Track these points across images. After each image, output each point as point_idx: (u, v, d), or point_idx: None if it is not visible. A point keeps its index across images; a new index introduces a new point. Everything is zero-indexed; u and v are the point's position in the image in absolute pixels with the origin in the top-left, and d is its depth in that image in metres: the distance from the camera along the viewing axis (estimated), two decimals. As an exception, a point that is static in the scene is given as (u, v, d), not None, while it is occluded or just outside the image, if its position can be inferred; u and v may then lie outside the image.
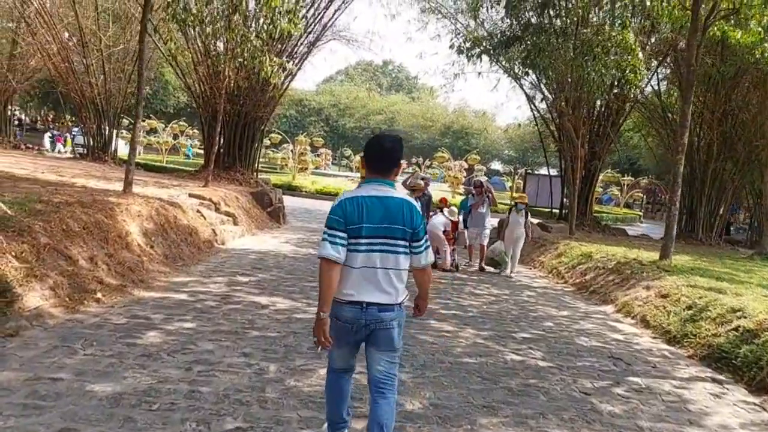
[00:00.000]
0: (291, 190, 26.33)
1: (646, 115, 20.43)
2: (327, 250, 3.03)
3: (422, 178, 10.04)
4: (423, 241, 3.22)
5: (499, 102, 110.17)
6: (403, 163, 32.31)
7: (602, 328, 7.55)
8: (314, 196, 26.08)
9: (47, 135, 31.97)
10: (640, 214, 36.39)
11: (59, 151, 29.96)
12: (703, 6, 10.43)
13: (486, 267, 11.64)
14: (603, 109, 17.16)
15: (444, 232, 11.05)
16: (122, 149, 37.77)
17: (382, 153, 3.22)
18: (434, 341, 6.09)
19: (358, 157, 36.42)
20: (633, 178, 34.75)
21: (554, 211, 20.62)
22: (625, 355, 6.31)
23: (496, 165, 59.86)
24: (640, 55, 12.00)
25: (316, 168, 38.07)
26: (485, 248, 11.46)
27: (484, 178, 11.20)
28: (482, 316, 7.50)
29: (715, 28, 10.53)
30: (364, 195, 3.13)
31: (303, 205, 22.58)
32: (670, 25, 12.69)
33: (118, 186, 10.48)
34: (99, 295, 6.12)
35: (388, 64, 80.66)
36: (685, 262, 10.65)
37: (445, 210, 11.44)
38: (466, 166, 33.23)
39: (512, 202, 11.91)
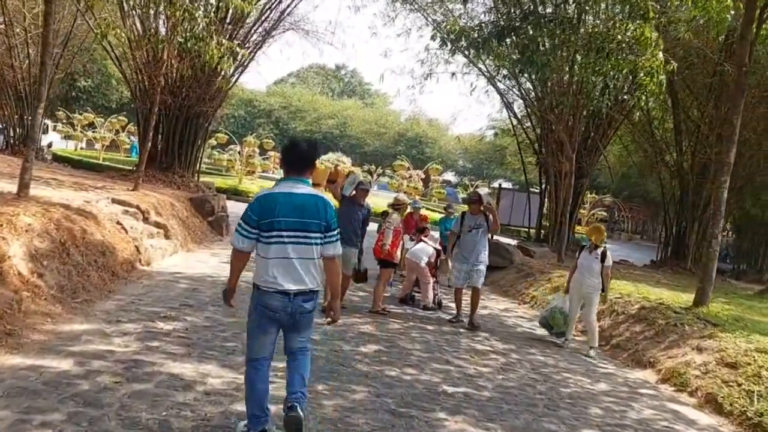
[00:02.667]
0: (237, 194, 23.87)
1: (628, 128, 19.01)
2: (236, 242, 3.56)
3: (360, 183, 7.78)
4: (335, 232, 3.60)
5: (457, 110, 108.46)
6: (348, 167, 30.81)
7: (665, 415, 5.68)
8: (262, 203, 23.69)
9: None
10: (602, 233, 35.45)
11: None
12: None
13: (540, 327, 8.36)
14: (596, 119, 15.58)
15: (427, 263, 9.11)
16: (59, 144, 34.54)
17: (298, 154, 3.61)
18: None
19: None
20: (596, 195, 33.78)
21: (531, 231, 19.01)
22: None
23: (450, 176, 58.52)
24: (660, 55, 10.34)
25: (264, 172, 35.56)
26: (479, 293, 8.41)
27: (484, 190, 8.66)
28: (503, 396, 5.49)
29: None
30: (279, 192, 3.52)
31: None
32: (687, 24, 11.19)
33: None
34: None
35: (341, 68, 78.50)
36: (721, 309, 8.92)
37: (429, 238, 9.44)
38: (423, 176, 31.56)
39: (583, 239, 8.67)
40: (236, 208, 18.46)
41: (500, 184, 20.63)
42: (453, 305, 9.50)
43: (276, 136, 45.90)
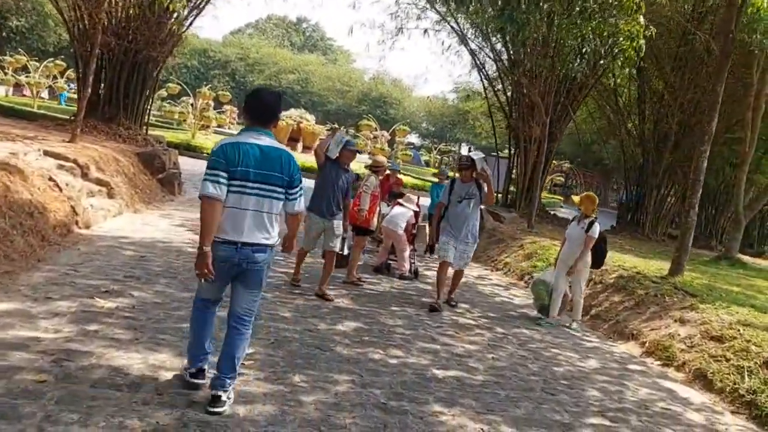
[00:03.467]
0: (190, 150, 22.53)
1: (593, 95, 18.55)
2: (208, 189, 3.23)
3: (347, 142, 6.66)
4: (298, 189, 3.50)
5: (420, 73, 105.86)
6: (312, 125, 29.54)
7: (660, 394, 5.19)
8: (217, 159, 22.37)
9: None
10: (561, 198, 35.52)
11: None
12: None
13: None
14: (567, 84, 14.91)
15: (405, 228, 8.32)
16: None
17: (263, 105, 3.46)
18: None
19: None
20: (554, 161, 33.54)
21: (498, 196, 18.43)
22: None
23: (413, 138, 57.54)
24: (642, 20, 9.66)
25: (219, 126, 33.90)
26: (462, 274, 7.51)
27: (478, 155, 7.12)
28: (497, 379, 4.84)
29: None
30: (244, 141, 3.32)
31: (203, 168, 18.89)
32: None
33: None
34: None
35: (302, 21, 75.65)
36: (692, 278, 8.58)
37: (405, 199, 8.61)
38: (388, 138, 30.56)
39: (577, 210, 7.46)
40: (189, 165, 17.26)
41: (470, 148, 19.70)
42: (431, 275, 8.84)
43: (232, 90, 43.85)
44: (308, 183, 5.48)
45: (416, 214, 8.68)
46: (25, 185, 6.70)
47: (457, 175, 7.46)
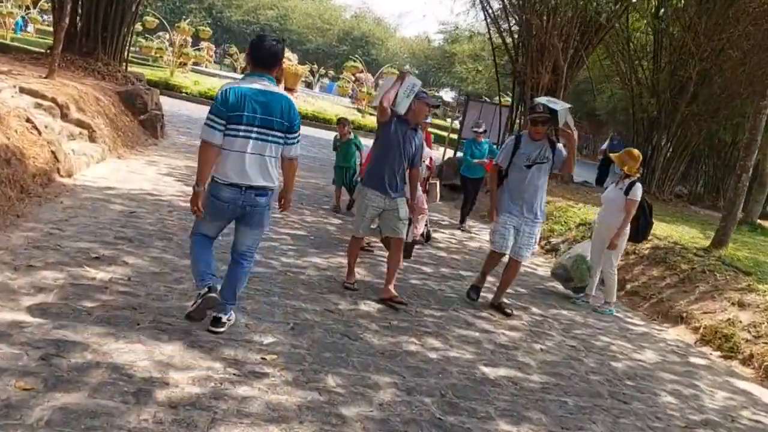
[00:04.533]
0: (168, 89, 21.18)
1: (605, 41, 17.49)
2: (206, 135, 3.43)
3: (421, 92, 5.09)
4: (296, 134, 3.62)
5: (405, 11, 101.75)
6: (295, 65, 28.06)
7: (740, 399, 4.71)
8: (197, 100, 21.17)
9: None
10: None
11: None
12: None
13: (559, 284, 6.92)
14: (582, 26, 13.92)
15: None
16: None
17: (266, 50, 3.52)
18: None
19: (243, 57, 30.91)
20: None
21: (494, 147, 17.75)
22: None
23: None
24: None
25: (197, 64, 32.19)
26: (519, 268, 5.72)
27: (560, 104, 5.36)
28: (555, 380, 4.25)
29: None
30: (247, 86, 3.45)
31: (184, 110, 17.86)
32: None
33: None
34: None
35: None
36: (735, 250, 8.00)
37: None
38: (374, 82, 29.38)
39: (617, 171, 6.57)
40: (168, 105, 16.15)
41: (467, 94, 18.65)
42: (440, 237, 8.29)
43: (209, 26, 41.61)
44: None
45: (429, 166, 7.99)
46: (0, 128, 5.84)
47: (523, 130, 5.77)
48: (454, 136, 17.22)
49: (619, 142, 17.77)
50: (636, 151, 6.38)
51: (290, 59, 26.01)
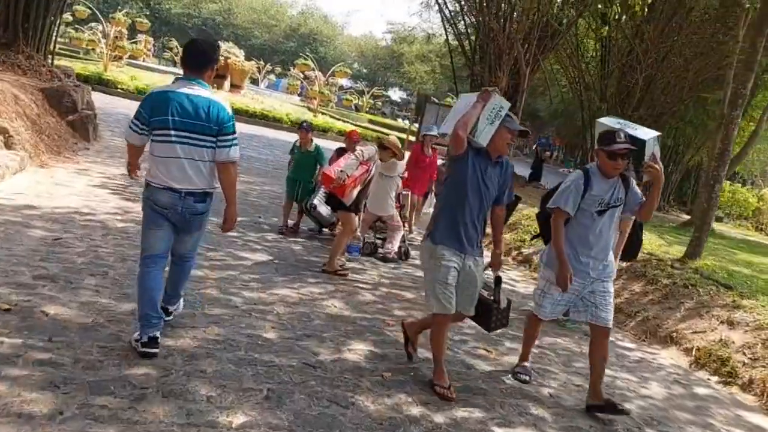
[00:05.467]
0: (102, 85, 19.67)
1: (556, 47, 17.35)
2: (127, 135, 3.46)
3: (508, 117, 3.75)
4: (230, 136, 3.44)
5: (353, 9, 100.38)
6: (241, 61, 26.69)
7: None
8: (134, 96, 19.66)
9: None
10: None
11: None
12: None
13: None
14: (539, 31, 13.48)
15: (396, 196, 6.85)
16: None
17: (195, 52, 3.46)
18: None
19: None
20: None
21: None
22: None
23: (343, 80, 54.81)
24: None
25: (134, 58, 30.39)
26: (607, 342, 4.03)
27: (649, 133, 4.27)
28: (574, 428, 3.60)
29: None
30: (174, 90, 3.37)
31: (120, 108, 16.41)
32: None
33: None
34: None
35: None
36: (702, 257, 7.68)
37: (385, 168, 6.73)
38: (325, 80, 28.37)
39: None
40: (102, 103, 14.79)
41: (425, 97, 17.87)
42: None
43: (147, 18, 39.52)
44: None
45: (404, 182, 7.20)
46: None
47: (590, 163, 4.10)
48: (413, 138, 16.52)
49: (546, 140, 17.61)
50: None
51: (237, 55, 24.72)
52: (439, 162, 8.37)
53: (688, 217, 16.09)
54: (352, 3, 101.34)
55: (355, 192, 5.97)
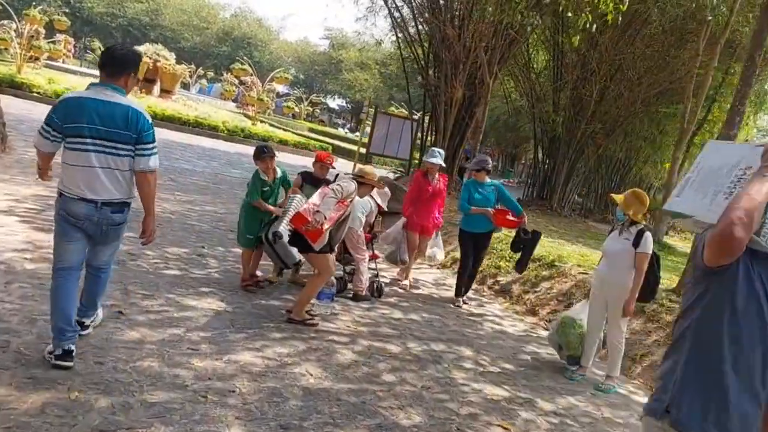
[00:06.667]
0: (15, 88, 17.69)
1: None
2: (37, 141, 3.29)
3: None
4: (149, 145, 3.29)
5: (289, 14, 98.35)
6: (172, 64, 24.84)
7: None
8: (51, 101, 17.75)
9: None
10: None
11: None
12: None
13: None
14: (499, 39, 12.84)
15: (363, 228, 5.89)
16: None
17: (110, 58, 3.31)
18: None
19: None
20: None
21: (401, 161, 16.35)
22: None
23: (280, 87, 53.20)
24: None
25: (52, 59, 28.03)
26: None
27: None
28: None
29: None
30: (90, 96, 3.22)
31: (35, 114, 14.62)
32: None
33: None
34: None
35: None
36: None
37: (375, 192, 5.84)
38: (264, 87, 27.04)
39: (619, 217, 5.04)
40: (15, 108, 13.14)
41: (376, 107, 16.92)
42: (400, 288, 6.59)
43: (67, 17, 36.87)
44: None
45: (378, 209, 6.22)
46: None
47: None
48: (363, 150, 15.58)
49: (471, 148, 17.23)
50: (643, 194, 5.10)
51: (167, 58, 23.04)
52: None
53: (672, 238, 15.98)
54: (286, 6, 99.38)
55: (326, 236, 4.94)
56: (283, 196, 5.71)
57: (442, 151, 6.82)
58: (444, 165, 6.88)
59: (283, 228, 5.02)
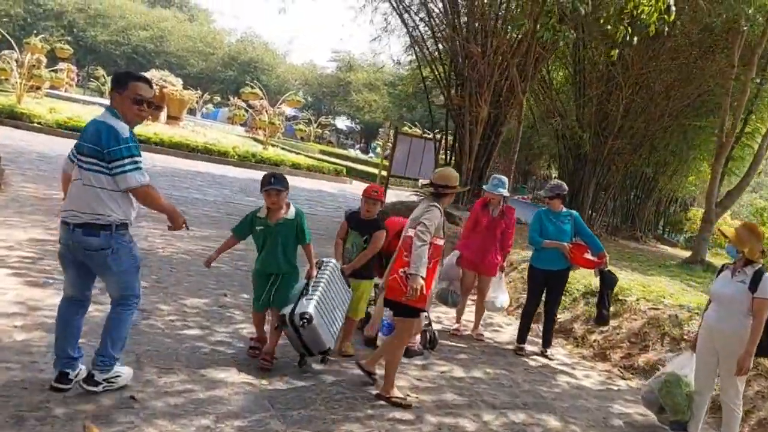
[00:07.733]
0: (14, 119, 16.99)
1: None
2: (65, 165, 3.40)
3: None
4: (119, 161, 3.14)
5: (294, 37, 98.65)
6: (179, 90, 24.24)
7: None
8: (54, 132, 17.09)
9: None
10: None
11: None
12: None
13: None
14: (531, 52, 12.03)
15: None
16: None
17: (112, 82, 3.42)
18: None
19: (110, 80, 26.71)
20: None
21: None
22: None
23: (288, 110, 52.73)
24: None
25: (54, 88, 27.46)
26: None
27: None
28: None
29: None
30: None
31: (36, 146, 13.88)
32: None
33: None
34: None
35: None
36: None
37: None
38: (271, 110, 26.32)
39: (731, 253, 4.30)
40: (15, 141, 12.39)
41: (397, 128, 16.26)
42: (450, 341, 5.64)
43: (70, 45, 36.51)
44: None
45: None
46: None
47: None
48: (384, 173, 14.82)
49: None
50: (758, 227, 4.24)
51: (174, 84, 22.38)
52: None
53: (667, 247, 15.11)
54: (292, 26, 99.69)
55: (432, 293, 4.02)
56: (301, 253, 4.28)
57: (505, 179, 5.85)
58: (507, 195, 5.93)
59: (314, 309, 3.98)
